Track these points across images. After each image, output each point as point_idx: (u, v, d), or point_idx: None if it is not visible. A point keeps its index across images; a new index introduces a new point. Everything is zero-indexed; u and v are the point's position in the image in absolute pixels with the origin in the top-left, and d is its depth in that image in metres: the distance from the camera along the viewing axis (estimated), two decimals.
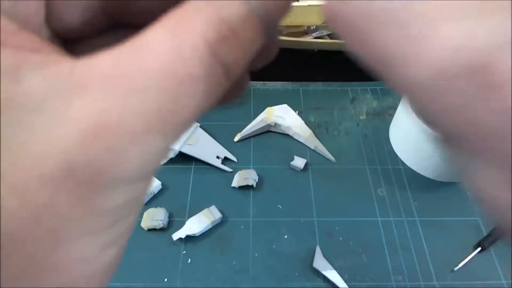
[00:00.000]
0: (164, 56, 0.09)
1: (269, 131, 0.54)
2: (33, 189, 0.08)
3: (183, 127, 0.10)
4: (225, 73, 0.10)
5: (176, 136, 0.10)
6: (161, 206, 0.46)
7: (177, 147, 0.49)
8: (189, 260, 0.43)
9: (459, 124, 0.09)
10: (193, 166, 0.51)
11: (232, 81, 0.10)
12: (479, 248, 0.43)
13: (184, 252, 0.44)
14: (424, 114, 0.10)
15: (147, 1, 0.12)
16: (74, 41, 0.12)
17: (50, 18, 0.11)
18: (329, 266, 0.42)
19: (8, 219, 0.08)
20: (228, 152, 0.52)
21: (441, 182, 0.49)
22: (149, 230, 0.45)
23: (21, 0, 0.10)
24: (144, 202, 0.47)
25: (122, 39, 0.09)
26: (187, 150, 0.50)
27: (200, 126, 0.53)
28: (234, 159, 0.51)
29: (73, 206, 0.09)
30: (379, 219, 0.46)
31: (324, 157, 0.52)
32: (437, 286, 0.41)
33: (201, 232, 0.44)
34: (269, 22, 0.10)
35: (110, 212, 0.09)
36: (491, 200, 0.09)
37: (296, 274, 0.42)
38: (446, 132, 0.10)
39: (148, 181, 0.10)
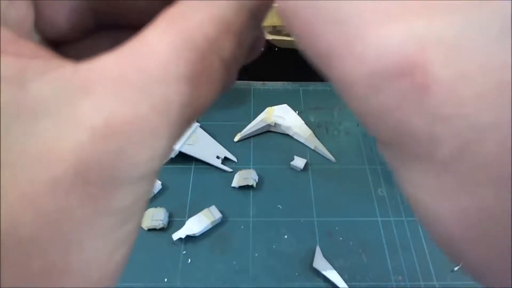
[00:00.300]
0: (164, 56, 0.09)
1: (269, 131, 0.54)
2: (44, 194, 0.08)
3: (188, 123, 0.10)
4: (224, 67, 0.10)
5: (181, 132, 0.10)
6: (161, 206, 0.46)
7: (177, 147, 0.49)
8: (189, 260, 0.43)
9: (387, 127, 0.09)
10: (193, 166, 0.51)
11: (231, 74, 0.11)
12: None
13: (184, 252, 0.44)
14: (358, 115, 0.09)
15: (136, 1, 0.12)
16: (63, 43, 0.12)
17: (37, 21, 0.11)
18: (329, 266, 0.42)
19: (22, 226, 0.08)
20: (228, 152, 0.52)
21: None
22: (149, 230, 0.45)
23: (14, 0, 0.10)
24: None
25: (110, 40, 0.09)
26: (187, 150, 0.50)
27: (200, 126, 0.53)
28: (234, 159, 0.51)
29: (84, 208, 0.09)
30: (379, 219, 0.46)
31: (324, 157, 0.52)
32: (437, 286, 0.41)
33: (201, 232, 0.44)
34: (258, 16, 0.11)
35: (120, 212, 0.10)
36: (421, 207, 0.09)
37: (296, 274, 0.42)
38: (379, 135, 0.09)
39: (154, 177, 0.10)
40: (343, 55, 0.09)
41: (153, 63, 0.09)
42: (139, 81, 0.09)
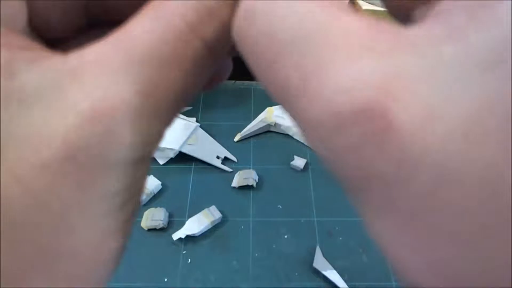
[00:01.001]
0: (147, 41, 0.09)
1: (269, 131, 0.54)
2: (34, 177, 0.09)
3: (175, 107, 0.10)
4: (207, 49, 0.10)
5: (169, 117, 0.10)
6: (161, 206, 0.46)
7: (177, 147, 0.49)
8: (189, 260, 0.43)
9: (348, 172, 0.08)
10: (193, 166, 0.51)
11: (215, 57, 0.11)
12: None
13: (184, 252, 0.44)
14: (318, 155, 0.09)
15: None
16: (56, 41, 0.13)
17: (31, 19, 0.12)
18: (329, 266, 0.42)
19: (13, 208, 0.09)
20: (228, 152, 0.52)
21: None
22: (149, 230, 0.45)
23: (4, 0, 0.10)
24: (144, 202, 0.47)
25: (103, 37, 0.10)
26: (187, 150, 0.50)
27: (200, 126, 0.53)
28: (234, 159, 0.51)
29: (74, 191, 0.09)
30: None
31: None
32: None
33: (201, 232, 0.44)
34: None
35: (111, 197, 0.10)
36: (387, 252, 0.08)
37: (296, 274, 0.42)
38: (340, 179, 0.09)
39: (146, 164, 0.10)
40: (300, 91, 0.08)
41: (136, 48, 0.09)
42: (124, 66, 0.09)
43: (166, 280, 0.42)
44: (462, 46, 0.07)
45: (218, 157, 0.51)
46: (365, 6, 0.58)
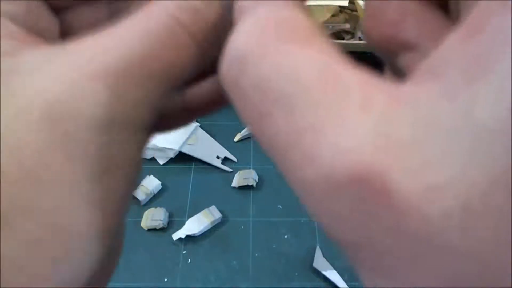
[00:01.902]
0: (136, 31, 0.10)
1: None
2: (25, 146, 0.09)
3: (157, 81, 0.11)
4: (197, 45, 0.11)
5: (159, 90, 0.11)
6: (161, 206, 0.46)
7: (177, 147, 0.49)
8: (189, 260, 0.43)
9: (339, 235, 0.08)
10: (193, 166, 0.51)
11: (203, 52, 0.11)
12: None
13: (184, 252, 0.44)
14: (312, 215, 0.09)
15: None
16: (64, 10, 0.13)
17: None
18: (329, 266, 0.42)
19: (13, 190, 0.09)
20: (228, 152, 0.52)
21: None
22: (149, 230, 0.45)
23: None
24: (144, 202, 0.47)
25: (109, 10, 0.11)
26: (187, 150, 0.50)
27: (200, 126, 0.53)
28: (234, 159, 0.51)
29: (56, 151, 0.09)
30: None
31: None
32: None
33: (201, 232, 0.44)
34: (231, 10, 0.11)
35: (92, 160, 0.10)
36: None
37: (296, 274, 0.42)
38: (330, 237, 0.08)
39: (127, 131, 0.10)
40: (292, 149, 0.08)
41: (127, 30, 0.10)
42: (114, 41, 0.10)
43: (166, 280, 0.42)
44: (461, 112, 0.07)
45: (218, 157, 0.51)
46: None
